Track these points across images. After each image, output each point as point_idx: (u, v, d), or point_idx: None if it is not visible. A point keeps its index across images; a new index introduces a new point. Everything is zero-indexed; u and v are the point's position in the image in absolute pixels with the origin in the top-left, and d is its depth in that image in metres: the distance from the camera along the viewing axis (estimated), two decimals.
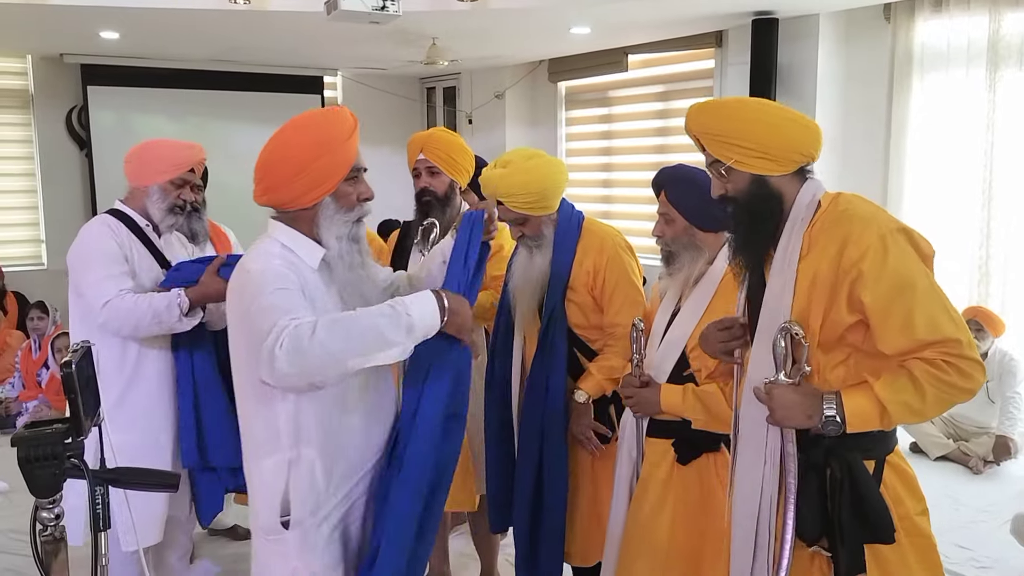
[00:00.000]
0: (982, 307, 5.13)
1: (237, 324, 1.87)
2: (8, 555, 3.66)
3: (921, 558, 1.82)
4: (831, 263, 1.74)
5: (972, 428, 5.09)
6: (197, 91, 7.69)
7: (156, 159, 2.71)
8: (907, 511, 1.81)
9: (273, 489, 1.88)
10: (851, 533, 1.74)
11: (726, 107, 1.94)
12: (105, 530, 1.47)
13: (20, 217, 7.61)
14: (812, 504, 1.80)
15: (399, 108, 9.02)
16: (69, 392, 1.35)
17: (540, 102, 8.23)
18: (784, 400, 1.77)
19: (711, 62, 6.55)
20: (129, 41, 6.42)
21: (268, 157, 1.92)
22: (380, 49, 6.89)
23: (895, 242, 1.71)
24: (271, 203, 1.95)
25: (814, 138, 1.85)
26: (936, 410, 1.73)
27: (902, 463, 1.86)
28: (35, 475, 1.38)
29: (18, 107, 7.45)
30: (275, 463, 1.88)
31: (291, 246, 1.91)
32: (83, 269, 2.58)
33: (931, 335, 1.67)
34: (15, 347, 6.38)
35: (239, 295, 1.85)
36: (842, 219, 1.77)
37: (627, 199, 7.49)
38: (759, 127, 1.83)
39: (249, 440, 1.94)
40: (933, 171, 5.48)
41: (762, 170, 1.83)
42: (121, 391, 2.62)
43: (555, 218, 2.74)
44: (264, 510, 1.90)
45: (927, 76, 5.45)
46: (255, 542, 1.97)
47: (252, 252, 1.92)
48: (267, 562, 1.94)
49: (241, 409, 1.94)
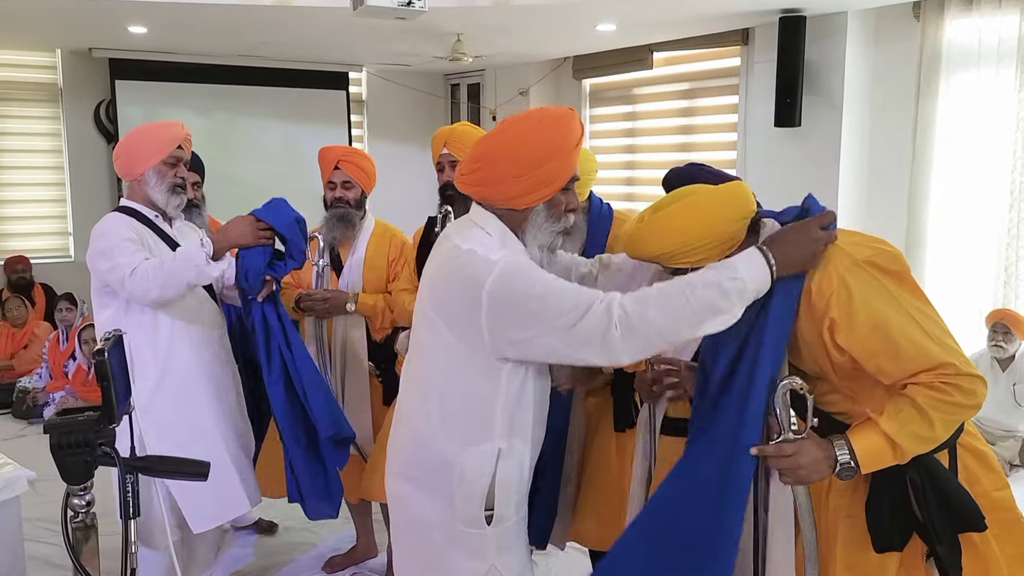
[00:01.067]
0: (1009, 309, 5.07)
1: (480, 309, 1.74)
2: (36, 543, 3.71)
3: (1004, 532, 1.80)
4: (807, 314, 1.74)
5: (999, 432, 5.03)
6: (223, 86, 7.74)
7: (142, 143, 2.72)
8: (984, 489, 1.79)
9: (478, 480, 1.82)
10: (945, 530, 1.73)
11: (654, 227, 1.83)
12: (135, 518, 1.49)
13: (48, 210, 7.71)
14: (884, 517, 1.78)
15: (424, 104, 9.04)
16: (102, 380, 1.36)
17: (564, 99, 8.22)
18: (812, 455, 1.71)
19: (737, 60, 6.51)
20: (157, 35, 6.48)
21: (493, 149, 1.83)
22: (405, 45, 6.91)
23: (856, 280, 1.69)
24: (481, 196, 1.87)
25: (743, 200, 1.81)
26: (945, 432, 1.70)
27: (974, 442, 1.84)
28: (67, 462, 1.40)
29: (47, 101, 7.54)
30: (484, 452, 1.82)
31: (497, 238, 1.83)
32: (104, 257, 2.60)
33: (922, 363, 1.66)
34: (43, 338, 6.47)
35: (489, 283, 1.72)
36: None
37: (651, 197, 7.43)
38: (697, 228, 1.77)
39: (454, 426, 1.84)
40: (960, 172, 5.41)
41: (724, 254, 1.80)
42: (157, 380, 2.67)
43: (586, 206, 2.75)
44: (464, 501, 1.83)
45: (955, 75, 5.39)
46: (431, 534, 1.87)
47: (478, 242, 1.81)
48: (451, 557, 1.86)
49: (446, 389, 1.85)
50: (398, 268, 3.33)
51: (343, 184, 3.27)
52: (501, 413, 1.82)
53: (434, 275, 1.88)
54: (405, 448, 1.93)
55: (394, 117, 8.86)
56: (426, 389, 1.88)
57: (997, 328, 5.00)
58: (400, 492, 1.94)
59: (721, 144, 6.85)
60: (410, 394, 1.94)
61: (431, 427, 1.85)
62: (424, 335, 1.90)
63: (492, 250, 1.78)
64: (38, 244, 7.62)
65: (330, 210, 3.29)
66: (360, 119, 8.84)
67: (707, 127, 7.02)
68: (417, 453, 1.89)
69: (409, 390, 1.96)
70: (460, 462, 1.82)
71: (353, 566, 3.58)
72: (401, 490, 1.93)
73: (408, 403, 1.95)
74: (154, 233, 2.74)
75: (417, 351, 1.94)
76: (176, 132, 2.75)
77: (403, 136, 8.80)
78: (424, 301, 1.90)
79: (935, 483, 1.73)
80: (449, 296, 1.82)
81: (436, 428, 1.84)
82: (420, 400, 1.89)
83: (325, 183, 3.31)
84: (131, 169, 2.73)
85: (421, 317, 1.92)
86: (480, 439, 1.82)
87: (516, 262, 1.77)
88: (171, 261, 2.57)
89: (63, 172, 7.65)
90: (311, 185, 7.49)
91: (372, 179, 3.35)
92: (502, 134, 1.84)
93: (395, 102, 8.87)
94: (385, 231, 3.40)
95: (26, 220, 7.63)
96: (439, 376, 1.86)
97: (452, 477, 1.82)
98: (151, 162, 2.69)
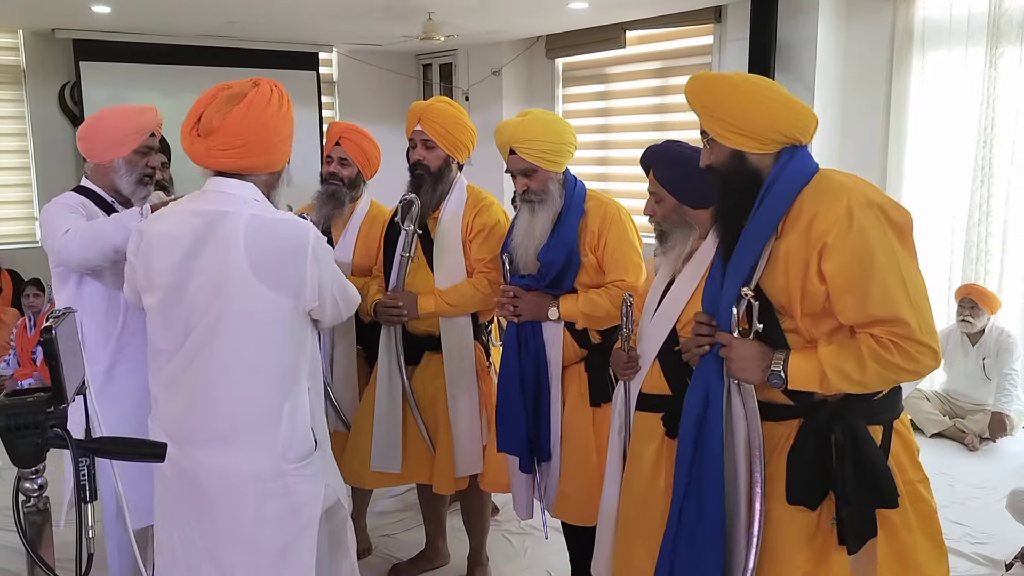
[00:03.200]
0: (976, 284, 5.11)
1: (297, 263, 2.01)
2: (5, 532, 3.67)
3: (922, 523, 1.87)
4: (801, 236, 1.78)
5: (968, 405, 5.10)
6: (192, 67, 7.58)
7: (113, 130, 2.61)
8: (909, 478, 1.87)
9: (302, 419, 2.07)
10: (857, 497, 1.77)
11: (716, 81, 1.95)
12: (91, 502, 1.44)
13: (13, 195, 7.55)
14: (802, 469, 1.83)
15: (395, 85, 8.95)
16: (50, 359, 1.32)
17: (537, 79, 8.17)
18: (742, 352, 1.86)
19: (710, 38, 6.49)
20: (121, 16, 6.34)
21: (262, 122, 2.02)
22: (376, 25, 6.82)
23: (863, 214, 1.73)
24: (246, 168, 2.06)
25: (800, 121, 1.87)
26: (876, 385, 1.77)
27: (907, 432, 1.91)
28: (17, 444, 1.35)
29: (10, 83, 7.37)
30: (298, 394, 2.06)
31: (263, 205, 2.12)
32: (50, 232, 2.51)
33: (882, 312, 1.70)
34: (10, 324, 6.36)
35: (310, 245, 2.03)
36: (815, 194, 1.80)
37: (624, 177, 7.45)
38: (741, 104, 1.86)
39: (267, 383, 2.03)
40: (932, 149, 5.44)
41: (740, 146, 1.88)
42: (108, 365, 2.60)
43: (561, 179, 2.78)
44: (293, 440, 2.04)
45: (928, 53, 5.40)
46: (270, 488, 2.03)
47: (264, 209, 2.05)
48: (290, 499, 2.04)
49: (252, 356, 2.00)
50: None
51: (339, 160, 3.24)
52: (305, 358, 2.08)
53: (245, 242, 1.97)
54: (222, 412, 2.00)
55: (365, 98, 8.76)
56: (243, 351, 1.99)
57: (964, 303, 5.05)
58: (210, 458, 2.01)
59: (694, 123, 6.73)
60: (219, 360, 1.99)
61: (255, 386, 2.00)
62: (233, 303, 1.98)
63: (288, 215, 2.10)
64: (4, 229, 7.47)
65: (322, 185, 3.26)
66: (331, 100, 8.74)
67: (681, 106, 6.99)
68: (238, 414, 2.00)
69: (216, 357, 1.99)
70: (285, 411, 2.02)
71: None
72: (212, 456, 2.00)
73: (216, 369, 1.99)
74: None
75: (220, 320, 1.98)
76: (149, 119, 2.65)
77: (375, 117, 8.67)
78: (222, 275, 1.99)
79: (857, 447, 1.79)
80: (273, 258, 2.02)
81: (261, 385, 2.00)
82: (237, 362, 1.98)
83: (324, 156, 3.28)
84: (99, 154, 2.62)
85: (217, 290, 1.99)
86: (294, 385, 2.05)
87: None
88: (101, 223, 2.48)
89: (28, 156, 7.50)
90: None
91: (372, 163, 3.29)
92: (259, 110, 2.01)
93: (366, 83, 8.77)
94: (380, 213, 3.36)
95: None
96: (259, 336, 2.00)
97: (279, 426, 2.01)
98: (122, 151, 2.60)
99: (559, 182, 2.77)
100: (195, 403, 2.01)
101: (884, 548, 1.82)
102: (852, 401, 1.83)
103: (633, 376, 2.41)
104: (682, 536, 2.01)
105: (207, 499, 2.02)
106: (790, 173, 1.85)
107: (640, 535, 2.34)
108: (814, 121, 1.90)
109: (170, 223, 2.04)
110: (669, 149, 2.40)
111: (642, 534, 2.33)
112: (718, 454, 1.94)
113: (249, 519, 2.00)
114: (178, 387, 2.03)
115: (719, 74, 1.96)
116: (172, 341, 2.02)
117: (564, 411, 2.80)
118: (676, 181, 2.33)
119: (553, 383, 2.78)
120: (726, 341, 1.90)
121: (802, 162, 1.87)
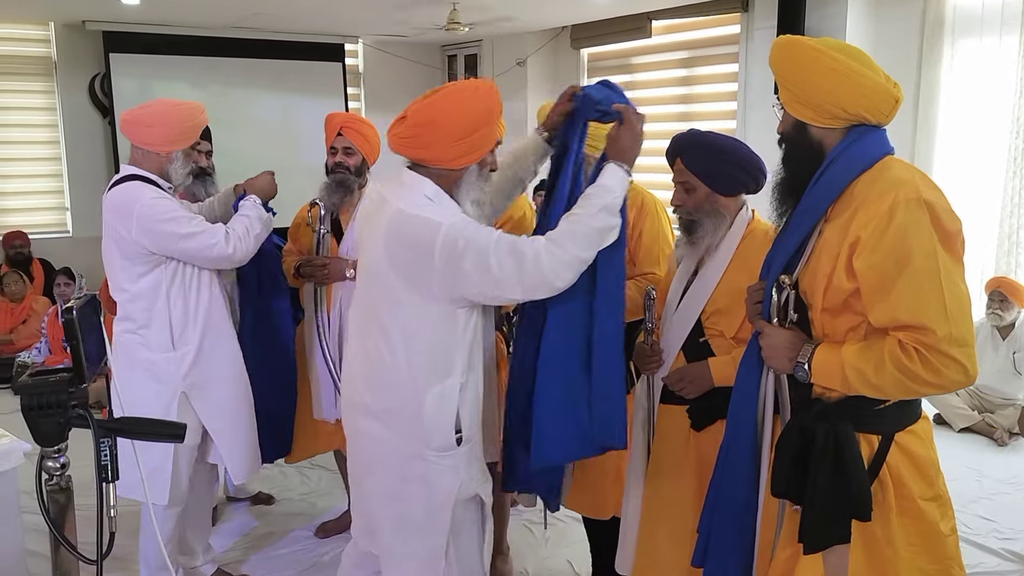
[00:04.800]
0: (1006, 277, 5.04)
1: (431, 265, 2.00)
2: (34, 516, 3.71)
3: (917, 542, 1.75)
4: (841, 226, 1.70)
5: (997, 400, 5.02)
6: (218, 59, 7.66)
7: (177, 125, 2.77)
8: (910, 493, 1.74)
9: (447, 411, 2.09)
10: (823, 500, 1.70)
11: (791, 46, 1.83)
12: (113, 481, 1.46)
13: (45, 185, 7.67)
14: (783, 463, 1.78)
15: (421, 76, 8.95)
16: (71, 339, 1.34)
17: (562, 69, 8.14)
18: (772, 339, 1.81)
19: (737, 27, 6.43)
20: (149, 7, 6.40)
21: (432, 116, 2.06)
22: (401, 15, 6.82)
23: (907, 211, 1.62)
24: (420, 158, 2.10)
25: (869, 100, 1.74)
26: (895, 392, 1.67)
27: (917, 447, 1.77)
28: (40, 424, 1.38)
29: (42, 75, 7.48)
30: (450, 387, 2.09)
31: (435, 200, 2.08)
32: (174, 226, 2.68)
33: (909, 317, 1.60)
34: (41, 313, 6.47)
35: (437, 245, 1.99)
36: (868, 182, 1.71)
37: (649, 168, 7.37)
38: (807, 73, 1.77)
39: (422, 368, 2.08)
40: (963, 139, 5.36)
41: (801, 116, 1.81)
42: (197, 345, 2.81)
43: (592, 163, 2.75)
44: (435, 431, 2.09)
45: (958, 41, 5.31)
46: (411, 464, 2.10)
47: (421, 207, 2.05)
48: (426, 482, 2.11)
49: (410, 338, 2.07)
50: None
51: (344, 150, 3.26)
52: (461, 353, 2.11)
53: (385, 240, 2.06)
54: (372, 390, 2.14)
55: (391, 89, 8.77)
56: (389, 338, 2.09)
57: (994, 296, 4.98)
58: (367, 429, 2.16)
59: (721, 113, 6.77)
60: (371, 342, 2.13)
61: (398, 373, 2.08)
62: (375, 291, 2.11)
63: (433, 212, 2.04)
64: (36, 219, 7.59)
65: (330, 175, 3.28)
66: (357, 91, 8.76)
67: (706, 96, 6.94)
68: (387, 394, 2.11)
69: (370, 338, 2.14)
70: (430, 399, 2.08)
71: (345, 532, 3.60)
72: (368, 427, 2.16)
73: (370, 350, 2.14)
74: None
75: (371, 305, 2.14)
76: (203, 119, 2.88)
77: (400, 108, 8.63)
78: (374, 261, 2.10)
79: (837, 452, 1.70)
80: (404, 258, 2.04)
81: (404, 373, 2.08)
82: (385, 348, 2.09)
83: (328, 148, 3.31)
84: (157, 143, 2.75)
85: (371, 275, 2.13)
86: (444, 377, 2.09)
87: (457, 223, 2.02)
88: (248, 222, 2.85)
89: (59, 147, 7.60)
90: (307, 158, 7.46)
91: (375, 148, 3.33)
92: (441, 103, 2.08)
93: (392, 74, 8.79)
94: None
95: (23, 195, 7.59)
96: (404, 328, 2.07)
97: (422, 414, 2.08)
98: (181, 145, 2.80)
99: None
100: (353, 375, 2.21)
101: (860, 558, 1.73)
102: (849, 404, 1.74)
103: (656, 370, 2.39)
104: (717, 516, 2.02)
105: (361, 463, 2.22)
106: (852, 155, 1.75)
107: (664, 527, 2.33)
108: (890, 102, 1.76)
109: (368, 200, 2.28)
110: (698, 136, 2.35)
111: (667, 526, 2.33)
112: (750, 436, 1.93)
113: (387, 491, 2.14)
114: (352, 355, 2.23)
115: (798, 39, 1.84)
116: (352, 311, 2.26)
117: None
118: (707, 168, 2.27)
119: None
120: (760, 327, 1.86)
121: (869, 145, 1.76)
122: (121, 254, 2.70)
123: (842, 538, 1.72)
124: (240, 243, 2.79)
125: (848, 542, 1.72)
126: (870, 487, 1.71)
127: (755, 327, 1.90)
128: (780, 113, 1.88)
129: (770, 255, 1.93)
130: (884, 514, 1.73)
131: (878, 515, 1.72)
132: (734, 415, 1.98)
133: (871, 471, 1.73)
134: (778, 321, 1.83)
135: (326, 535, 3.63)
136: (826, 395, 1.78)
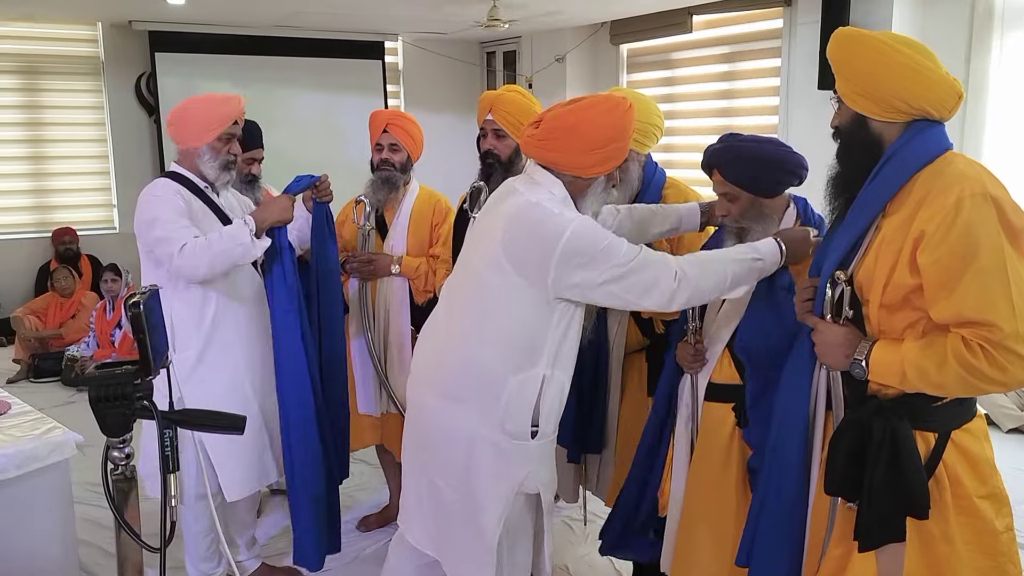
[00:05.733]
0: None
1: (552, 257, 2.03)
2: (85, 506, 3.79)
3: (973, 540, 1.73)
4: (903, 222, 1.68)
5: None
6: (261, 57, 7.78)
7: (200, 117, 2.71)
8: (966, 491, 1.72)
9: (527, 400, 2.12)
10: (880, 498, 1.69)
11: (852, 38, 1.81)
12: (175, 472, 1.50)
13: (93, 183, 7.84)
14: (838, 460, 1.76)
15: (459, 73, 8.99)
16: (137, 332, 1.38)
17: (601, 65, 8.12)
18: (827, 336, 1.80)
19: (779, 22, 6.36)
20: (195, 7, 6.51)
21: (573, 123, 2.09)
22: (441, 12, 6.86)
23: (973, 207, 1.60)
24: (552, 161, 2.13)
25: (932, 93, 1.73)
26: (957, 390, 1.64)
27: (973, 444, 1.76)
28: (106, 415, 1.42)
29: (89, 74, 7.64)
30: (532, 376, 2.11)
31: (563, 202, 2.12)
32: (151, 227, 2.62)
33: (975, 313, 1.58)
34: (89, 308, 6.61)
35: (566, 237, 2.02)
36: (930, 177, 1.69)
37: (689, 164, 7.36)
38: (869, 66, 1.75)
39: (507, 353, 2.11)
40: (1012, 133, 5.26)
41: (862, 109, 1.79)
42: (199, 349, 2.71)
43: (642, 161, 2.78)
44: (512, 418, 2.12)
45: (1008, 34, 5.21)
46: (481, 444, 2.13)
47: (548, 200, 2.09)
48: (494, 466, 2.14)
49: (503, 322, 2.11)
50: (440, 232, 3.33)
51: (390, 147, 3.28)
52: (549, 345, 2.12)
53: (507, 222, 2.11)
54: (453, 369, 2.18)
55: (430, 86, 8.83)
56: (482, 319, 2.14)
57: None
58: (438, 407, 2.20)
59: (763, 109, 6.71)
60: (461, 321, 2.19)
61: (484, 353, 2.12)
62: (485, 273, 2.15)
63: (563, 209, 2.08)
64: (84, 216, 7.76)
65: (376, 172, 3.30)
66: (396, 89, 8.82)
67: (748, 91, 6.88)
68: (467, 375, 2.15)
69: (459, 318, 2.20)
70: (511, 384, 2.11)
71: (387, 525, 3.63)
72: (441, 406, 2.19)
73: (457, 329, 2.20)
74: (203, 203, 2.76)
75: (473, 286, 2.19)
76: (233, 108, 2.75)
77: (440, 105, 8.76)
78: (490, 244, 2.14)
79: (894, 450, 1.68)
80: (523, 243, 2.08)
81: (490, 354, 2.12)
82: (475, 328, 2.15)
83: (373, 146, 3.33)
84: (185, 140, 2.74)
85: (484, 257, 2.16)
86: (529, 365, 2.11)
87: (587, 221, 2.08)
88: (218, 240, 2.60)
89: (106, 145, 7.76)
90: (348, 155, 7.53)
91: (419, 145, 3.34)
92: (580, 112, 2.10)
93: (431, 71, 8.84)
94: (430, 196, 3.40)
95: (72, 193, 7.77)
96: (498, 310, 2.12)
97: (502, 397, 2.11)
98: (207, 138, 2.71)
99: (640, 163, 2.74)
100: (436, 350, 2.25)
101: (916, 556, 1.72)
102: (905, 402, 1.73)
103: (700, 370, 2.39)
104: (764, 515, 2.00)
105: (424, 437, 2.25)
106: (912, 149, 1.73)
107: (705, 526, 2.32)
108: (953, 97, 1.75)
109: (494, 194, 2.30)
110: (731, 147, 2.33)
111: (708, 525, 2.32)
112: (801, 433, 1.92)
113: (450, 465, 2.18)
114: (434, 331, 2.29)
115: (859, 32, 1.81)
116: (444, 292, 2.30)
117: (623, 400, 2.79)
118: (747, 174, 2.26)
119: (613, 373, 2.77)
120: (814, 324, 1.85)
121: (930, 140, 1.74)
122: (141, 250, 2.72)
123: (898, 536, 1.71)
124: (190, 258, 2.55)
125: (903, 540, 1.71)
126: (927, 485, 1.70)
127: (807, 324, 1.88)
128: (836, 106, 1.86)
129: (821, 251, 1.92)
130: (942, 512, 1.71)
131: (935, 513, 1.70)
132: (783, 412, 1.96)
133: (928, 469, 1.71)
134: (831, 317, 1.81)
135: (368, 529, 3.66)
136: (882, 392, 1.76)
